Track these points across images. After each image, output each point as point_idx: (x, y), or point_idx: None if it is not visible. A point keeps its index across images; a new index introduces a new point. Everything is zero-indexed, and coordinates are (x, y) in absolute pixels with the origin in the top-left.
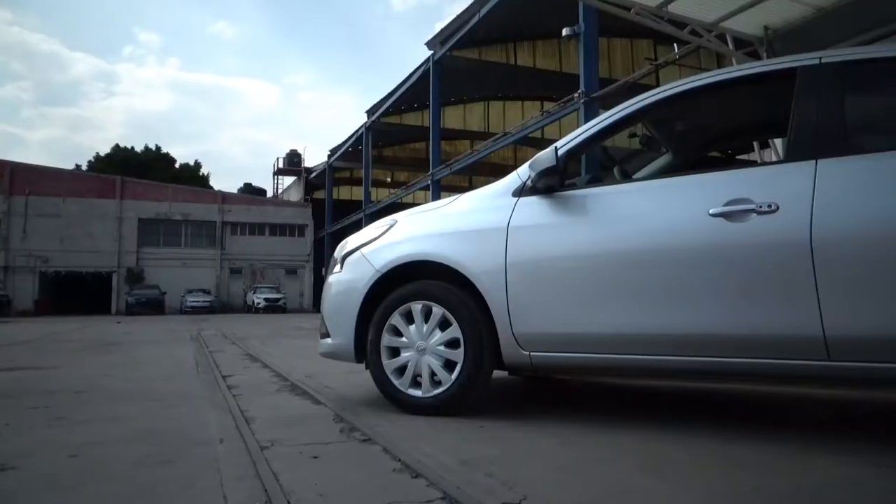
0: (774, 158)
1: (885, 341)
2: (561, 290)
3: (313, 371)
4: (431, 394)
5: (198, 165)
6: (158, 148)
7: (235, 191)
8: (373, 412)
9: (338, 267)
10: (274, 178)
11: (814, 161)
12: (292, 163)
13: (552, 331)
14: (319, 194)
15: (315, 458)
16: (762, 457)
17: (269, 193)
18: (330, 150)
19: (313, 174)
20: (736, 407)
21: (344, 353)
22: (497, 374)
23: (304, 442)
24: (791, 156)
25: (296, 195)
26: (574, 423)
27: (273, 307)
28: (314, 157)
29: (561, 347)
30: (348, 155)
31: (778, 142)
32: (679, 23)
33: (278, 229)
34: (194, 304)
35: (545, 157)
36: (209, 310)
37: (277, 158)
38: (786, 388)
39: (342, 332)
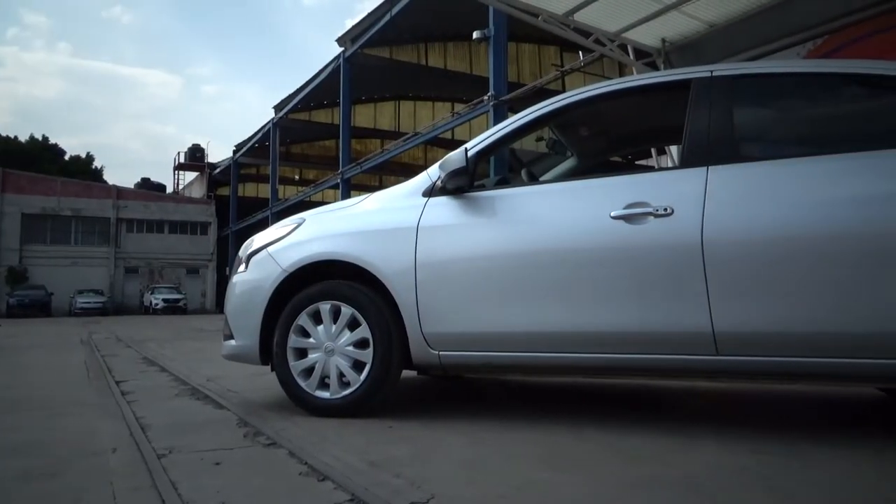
0: (670, 164)
1: (769, 336)
2: (469, 290)
3: (216, 374)
4: (340, 395)
5: (90, 158)
6: (46, 138)
7: (132, 186)
8: (279, 416)
9: (242, 266)
10: (175, 174)
11: (705, 168)
12: (195, 158)
13: (461, 330)
14: (224, 191)
15: (217, 464)
16: (657, 448)
17: (170, 189)
18: (235, 146)
19: (217, 170)
20: (632, 401)
21: (248, 355)
22: (407, 374)
23: (205, 448)
24: (685, 162)
25: (198, 191)
26: (482, 421)
27: (172, 308)
28: (219, 153)
29: (469, 346)
30: (255, 151)
31: (674, 148)
32: (584, 31)
33: (179, 227)
34: (85, 305)
35: (455, 157)
36: (102, 311)
37: (179, 153)
38: (676, 381)
39: (246, 334)
